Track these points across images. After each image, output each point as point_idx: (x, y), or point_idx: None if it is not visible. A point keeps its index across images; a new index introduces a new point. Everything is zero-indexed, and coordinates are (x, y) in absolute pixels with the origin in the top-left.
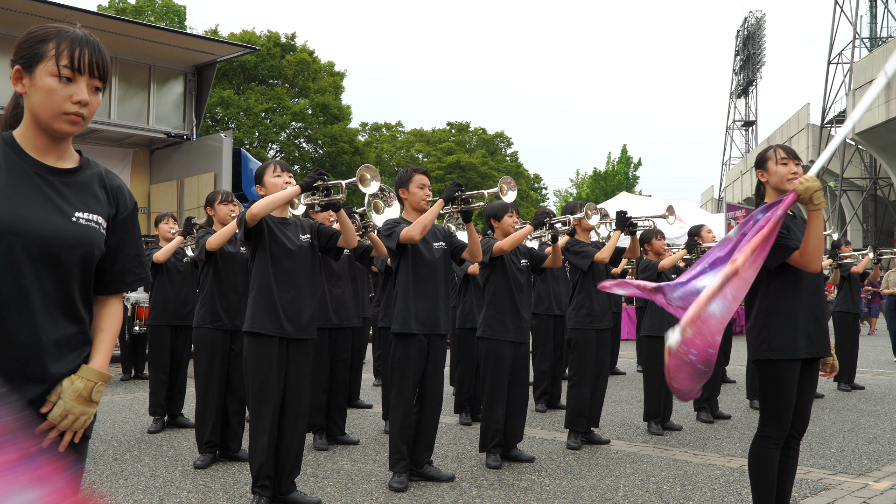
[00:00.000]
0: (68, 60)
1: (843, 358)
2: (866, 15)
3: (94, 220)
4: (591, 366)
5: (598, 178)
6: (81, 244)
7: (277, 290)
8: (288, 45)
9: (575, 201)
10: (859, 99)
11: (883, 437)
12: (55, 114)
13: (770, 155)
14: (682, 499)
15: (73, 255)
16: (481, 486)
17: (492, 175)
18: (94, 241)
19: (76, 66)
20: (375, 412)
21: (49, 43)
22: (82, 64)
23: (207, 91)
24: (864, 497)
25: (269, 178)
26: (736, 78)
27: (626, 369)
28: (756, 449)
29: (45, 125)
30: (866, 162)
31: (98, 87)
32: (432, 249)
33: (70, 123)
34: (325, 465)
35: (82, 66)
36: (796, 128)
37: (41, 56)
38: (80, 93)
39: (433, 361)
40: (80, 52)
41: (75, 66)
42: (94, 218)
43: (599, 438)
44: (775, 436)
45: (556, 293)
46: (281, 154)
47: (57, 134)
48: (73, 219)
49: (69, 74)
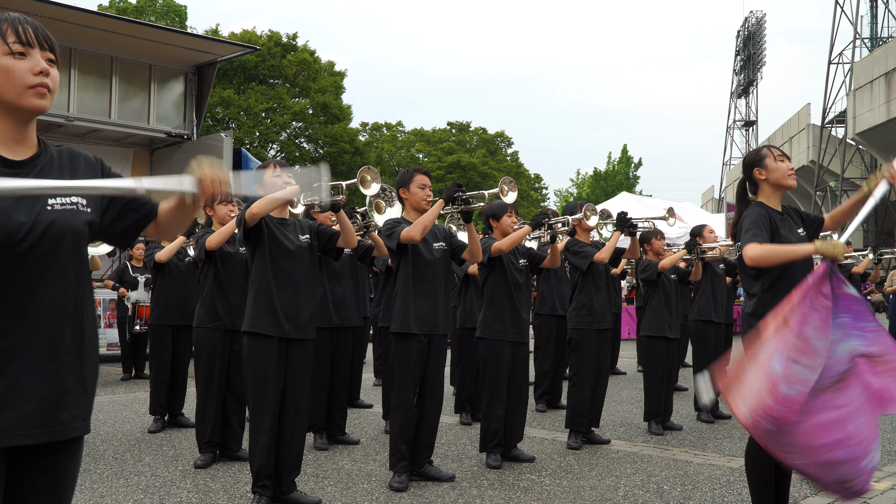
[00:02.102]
0: (15, 37)
1: None
2: (867, 15)
3: (70, 202)
4: (592, 366)
5: (598, 178)
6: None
7: (277, 290)
8: (289, 44)
9: (574, 202)
10: (859, 99)
11: (883, 437)
12: (20, 90)
13: (766, 153)
14: (682, 499)
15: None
16: (481, 486)
17: (492, 175)
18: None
19: (24, 39)
20: (376, 412)
21: None
22: (30, 37)
23: (208, 91)
24: (864, 497)
25: (268, 177)
26: (736, 78)
27: (627, 369)
28: (751, 447)
29: (13, 104)
30: (866, 162)
31: (52, 59)
32: (432, 250)
33: (38, 97)
34: (326, 464)
35: (31, 40)
36: (797, 128)
37: None
38: (38, 63)
39: (433, 361)
40: (24, 27)
41: (24, 41)
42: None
43: (600, 438)
44: None
45: (560, 293)
46: (281, 154)
47: (27, 112)
48: (49, 206)
49: (21, 49)
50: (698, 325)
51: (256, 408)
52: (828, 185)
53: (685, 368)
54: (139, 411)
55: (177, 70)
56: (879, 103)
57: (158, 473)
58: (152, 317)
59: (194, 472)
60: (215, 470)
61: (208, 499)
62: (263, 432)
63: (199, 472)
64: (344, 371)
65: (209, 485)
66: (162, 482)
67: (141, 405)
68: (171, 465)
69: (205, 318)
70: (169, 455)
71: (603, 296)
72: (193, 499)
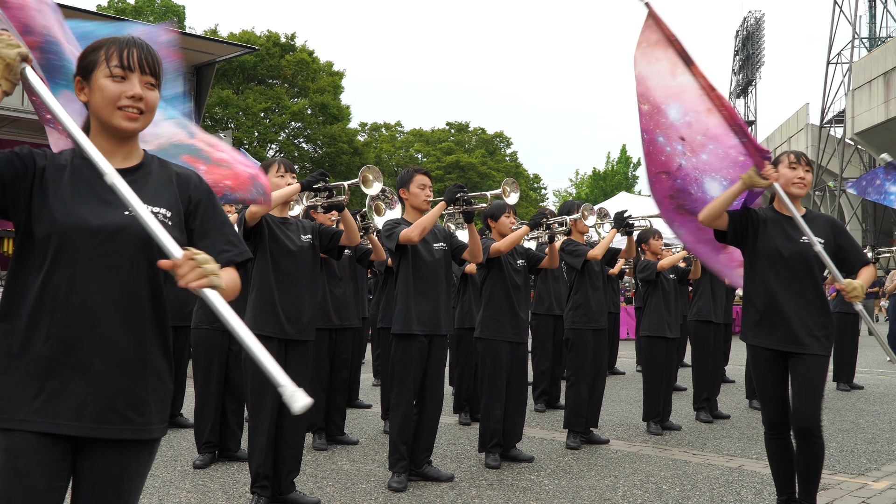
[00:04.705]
0: (118, 60)
1: (843, 358)
2: (865, 15)
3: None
4: (589, 366)
5: (597, 178)
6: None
7: (278, 290)
8: (287, 44)
9: (572, 201)
10: (858, 99)
11: (882, 437)
12: (111, 109)
13: (782, 158)
14: (681, 498)
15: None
16: (480, 486)
17: (491, 175)
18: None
19: (126, 64)
20: (374, 412)
21: (100, 51)
22: (132, 62)
23: (206, 91)
24: (863, 497)
25: (271, 177)
26: (735, 78)
27: (626, 369)
28: (765, 438)
29: (105, 123)
30: (865, 162)
31: (151, 83)
32: (432, 250)
33: (127, 119)
34: (325, 464)
35: (132, 64)
36: (795, 127)
37: (95, 63)
38: (132, 88)
39: (434, 362)
40: (129, 52)
41: (125, 65)
42: (156, 210)
43: (598, 438)
44: (765, 425)
45: (557, 293)
46: (280, 154)
47: (118, 132)
48: (126, 213)
49: (121, 73)
50: (698, 326)
51: (255, 408)
52: (826, 185)
53: (684, 368)
54: None
55: None
56: (878, 103)
57: (157, 474)
58: None
59: (193, 473)
60: (214, 470)
61: (207, 499)
62: (262, 432)
63: (197, 472)
64: (343, 371)
65: (208, 485)
66: (161, 482)
67: None
68: (170, 465)
69: (203, 318)
70: (168, 455)
71: (599, 295)
72: (192, 499)
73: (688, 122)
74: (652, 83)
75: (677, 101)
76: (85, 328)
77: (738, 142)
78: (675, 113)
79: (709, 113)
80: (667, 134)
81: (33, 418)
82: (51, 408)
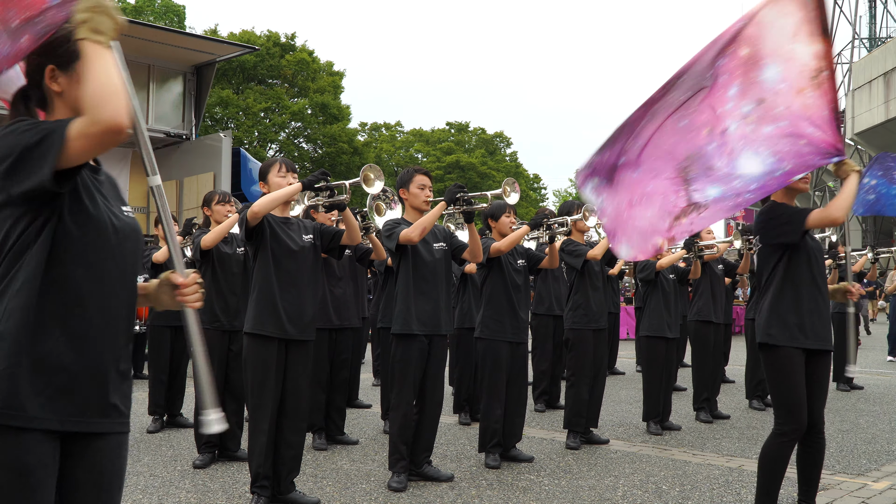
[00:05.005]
0: None
1: (843, 358)
2: (865, 15)
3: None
4: (589, 366)
5: None
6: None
7: (279, 290)
8: (287, 44)
9: (571, 201)
10: (858, 99)
11: (882, 437)
12: None
13: None
14: (680, 499)
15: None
16: (480, 486)
17: (491, 175)
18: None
19: None
20: (374, 412)
21: None
22: None
23: (207, 91)
24: (863, 497)
25: (273, 177)
26: None
27: (626, 369)
28: (768, 443)
29: None
30: (865, 162)
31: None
32: (432, 250)
33: None
34: (325, 464)
35: None
36: None
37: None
38: None
39: (434, 362)
40: None
41: None
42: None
43: (598, 438)
44: (794, 432)
45: (557, 293)
46: (280, 153)
47: None
48: (127, 211)
49: None
50: (697, 326)
51: (255, 408)
52: (826, 185)
53: (684, 368)
54: (137, 411)
55: (175, 70)
56: (878, 103)
57: (157, 473)
58: (151, 317)
59: (193, 472)
60: (214, 470)
61: (207, 499)
62: (262, 432)
63: (197, 472)
64: (343, 371)
65: (208, 485)
66: (160, 482)
67: (139, 405)
68: (170, 465)
69: (202, 318)
70: (167, 455)
71: (599, 295)
72: (192, 499)
73: (779, 89)
74: (768, 33)
75: (783, 64)
76: (100, 326)
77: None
78: (773, 74)
79: (800, 93)
80: (745, 88)
81: (41, 415)
82: (59, 405)
